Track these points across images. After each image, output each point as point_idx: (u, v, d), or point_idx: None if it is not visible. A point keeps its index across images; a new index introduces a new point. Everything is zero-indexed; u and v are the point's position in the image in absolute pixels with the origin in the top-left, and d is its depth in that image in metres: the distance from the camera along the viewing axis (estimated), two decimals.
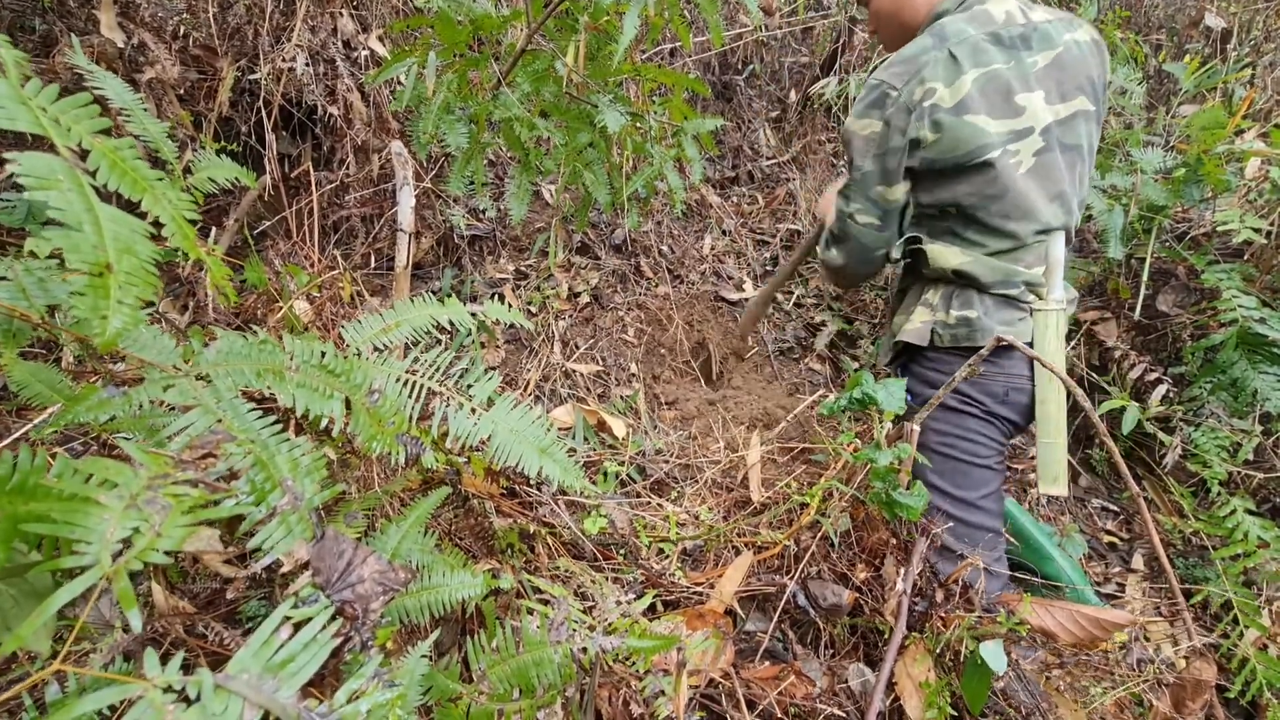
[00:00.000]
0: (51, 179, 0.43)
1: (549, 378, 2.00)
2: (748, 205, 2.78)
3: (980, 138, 1.25)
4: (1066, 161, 1.34)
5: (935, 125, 1.26)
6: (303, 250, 1.99)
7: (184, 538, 0.46)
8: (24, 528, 0.42)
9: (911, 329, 1.43)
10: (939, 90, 1.24)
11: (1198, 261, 1.95)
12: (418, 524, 1.01)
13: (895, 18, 1.44)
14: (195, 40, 2.00)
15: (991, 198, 1.30)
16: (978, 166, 1.27)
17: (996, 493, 1.42)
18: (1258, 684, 1.45)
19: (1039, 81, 1.29)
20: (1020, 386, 1.36)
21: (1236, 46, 2.52)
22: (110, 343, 0.43)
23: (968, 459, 1.39)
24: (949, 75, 1.25)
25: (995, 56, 1.26)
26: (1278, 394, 1.77)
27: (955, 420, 1.40)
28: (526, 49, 1.52)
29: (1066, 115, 1.32)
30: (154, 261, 0.48)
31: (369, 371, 0.87)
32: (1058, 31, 1.32)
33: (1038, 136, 1.29)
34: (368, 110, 2.11)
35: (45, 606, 0.39)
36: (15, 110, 0.45)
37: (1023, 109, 1.27)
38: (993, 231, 1.33)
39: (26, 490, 0.44)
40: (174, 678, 0.40)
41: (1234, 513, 1.69)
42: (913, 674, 1.22)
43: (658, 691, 1.01)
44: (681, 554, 1.53)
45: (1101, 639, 1.18)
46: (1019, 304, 1.36)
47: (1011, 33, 1.29)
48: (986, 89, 1.25)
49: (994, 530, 1.41)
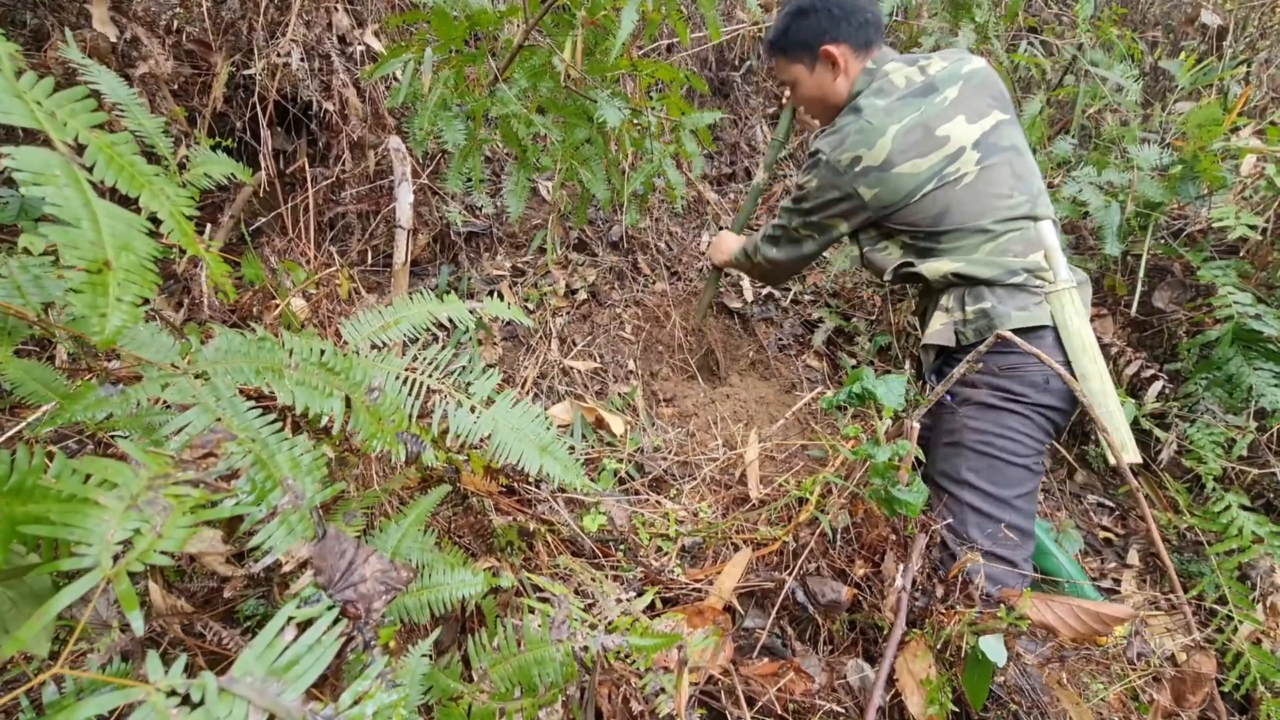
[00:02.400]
0: (48, 174, 0.42)
1: (546, 375, 1.99)
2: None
3: (915, 178, 1.45)
4: (1005, 160, 1.48)
5: (873, 181, 1.47)
6: (298, 247, 1.97)
7: (185, 539, 0.45)
8: (22, 529, 0.42)
9: (935, 332, 1.51)
10: (865, 154, 1.45)
11: (1193, 258, 1.95)
12: (418, 522, 1.00)
13: (821, 102, 1.67)
14: (189, 35, 1.98)
15: (942, 214, 1.46)
16: (921, 199, 1.46)
17: (1031, 493, 1.45)
18: (1252, 678, 1.46)
19: (954, 110, 1.47)
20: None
21: (1232, 43, 2.53)
22: (109, 340, 0.42)
23: (1006, 457, 1.42)
24: (870, 140, 1.45)
25: (907, 111, 1.46)
26: (1272, 390, 1.78)
27: (994, 418, 1.43)
28: (523, 44, 1.51)
29: (990, 126, 1.48)
30: (152, 258, 0.47)
31: (368, 369, 0.86)
32: (955, 69, 1.51)
33: (972, 150, 1.46)
34: (363, 106, 2.10)
35: (46, 609, 0.38)
36: (11, 104, 0.44)
37: (946, 138, 1.45)
38: (960, 233, 1.47)
39: (24, 491, 0.43)
40: (177, 680, 0.40)
41: (1229, 508, 1.70)
42: (913, 670, 1.22)
43: (658, 689, 1.01)
44: (680, 551, 1.53)
45: (1102, 633, 1.18)
46: (1029, 290, 1.43)
47: (915, 88, 1.49)
48: (907, 138, 1.44)
49: (1025, 530, 1.43)
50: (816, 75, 1.63)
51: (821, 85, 1.64)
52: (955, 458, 1.46)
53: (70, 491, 0.44)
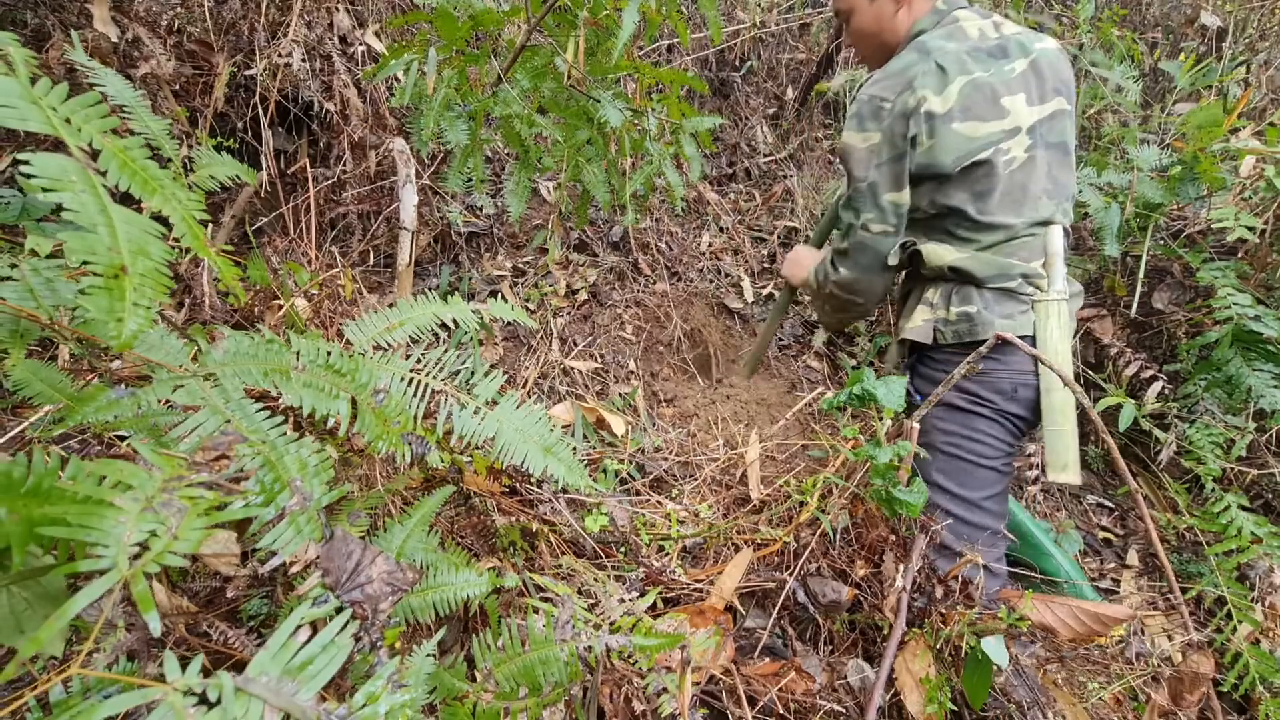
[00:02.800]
0: (65, 180, 0.43)
1: (547, 375, 2.00)
2: (745, 202, 2.78)
3: (971, 142, 1.34)
4: (1052, 157, 1.41)
5: (931, 130, 1.34)
6: (300, 247, 1.98)
7: (200, 540, 0.46)
8: (40, 531, 0.42)
9: (914, 327, 1.47)
10: (931, 98, 1.33)
11: (1193, 259, 1.96)
12: (422, 523, 1.01)
13: (877, 37, 1.52)
14: (190, 35, 1.98)
15: (984, 194, 1.37)
16: (972, 167, 1.35)
17: (1001, 494, 1.44)
18: (1251, 678, 1.47)
19: (1019, 85, 1.37)
20: (1026, 381, 1.38)
21: (1232, 45, 2.54)
22: (126, 345, 0.42)
23: (973, 459, 1.41)
24: (938, 85, 1.33)
25: (976, 66, 1.35)
26: (1272, 391, 1.78)
27: (962, 420, 1.42)
28: (526, 45, 1.51)
29: (1048, 114, 1.39)
30: (165, 262, 0.47)
31: (374, 371, 0.87)
32: (1029, 41, 1.41)
33: (1025, 135, 1.37)
34: (365, 106, 2.10)
35: (65, 611, 0.38)
36: (27, 110, 0.44)
37: (1008, 111, 1.36)
38: (985, 227, 1.39)
39: (41, 493, 0.43)
40: (194, 680, 0.40)
41: (1228, 509, 1.70)
42: (913, 670, 1.23)
43: (661, 689, 1.01)
44: (681, 551, 1.53)
45: (1101, 634, 1.19)
46: (1018, 297, 1.39)
47: (988, 45, 1.39)
48: (973, 95, 1.34)
49: (996, 531, 1.42)
50: (877, 5, 1.48)
51: (880, 17, 1.48)
52: (924, 459, 1.45)
53: (85, 493, 0.44)
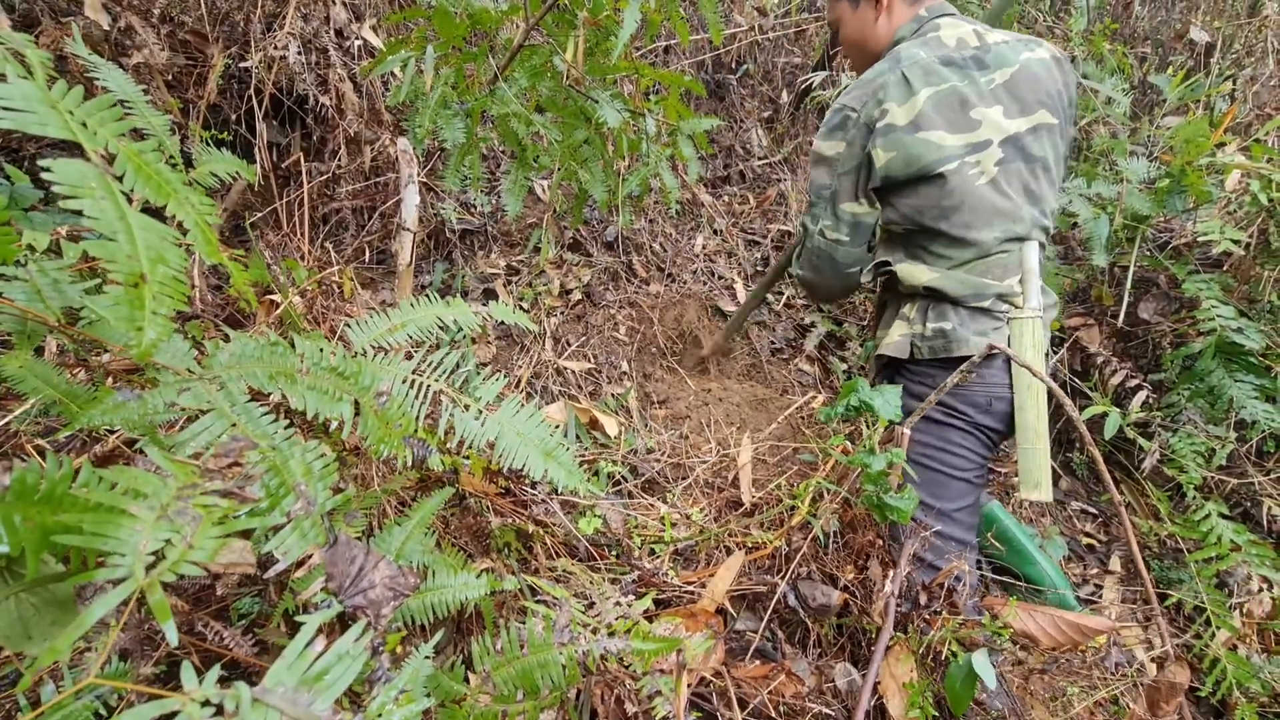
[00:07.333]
0: (85, 187, 0.42)
1: (540, 375, 2.00)
2: (739, 205, 2.79)
3: (935, 152, 1.33)
4: (1030, 172, 1.39)
5: (890, 143, 1.34)
6: (293, 242, 1.96)
7: (216, 549, 0.45)
8: (54, 539, 0.42)
9: (891, 342, 1.47)
10: (894, 109, 1.33)
11: (1179, 271, 1.99)
12: (421, 525, 1.01)
13: (862, 46, 1.54)
14: (184, 25, 1.96)
15: (951, 209, 1.36)
16: (933, 179, 1.34)
17: (972, 506, 1.44)
18: (1228, 683, 1.51)
19: (996, 97, 1.36)
20: (1001, 395, 1.38)
21: (1219, 60, 2.58)
22: (146, 353, 0.42)
23: (947, 471, 1.41)
24: (902, 95, 1.33)
25: (949, 76, 1.34)
26: (1253, 402, 1.82)
27: (937, 432, 1.42)
28: (524, 44, 1.51)
29: (1028, 128, 1.38)
30: (182, 269, 0.47)
31: (376, 373, 0.87)
32: (1014, 51, 1.39)
33: (997, 148, 1.35)
34: (360, 101, 2.08)
35: (82, 619, 0.38)
36: (46, 115, 0.44)
37: (979, 122, 1.34)
38: (955, 242, 1.38)
39: (55, 500, 0.43)
40: (211, 691, 0.40)
41: (1208, 517, 1.74)
42: (896, 674, 1.24)
43: (654, 691, 1.02)
44: (673, 554, 1.54)
45: (1081, 644, 1.21)
46: (993, 315, 1.39)
47: (964, 54, 1.37)
48: (941, 105, 1.33)
49: (966, 542, 1.43)
50: (859, 13, 1.50)
51: (863, 26, 1.51)
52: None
53: (99, 501, 0.44)
